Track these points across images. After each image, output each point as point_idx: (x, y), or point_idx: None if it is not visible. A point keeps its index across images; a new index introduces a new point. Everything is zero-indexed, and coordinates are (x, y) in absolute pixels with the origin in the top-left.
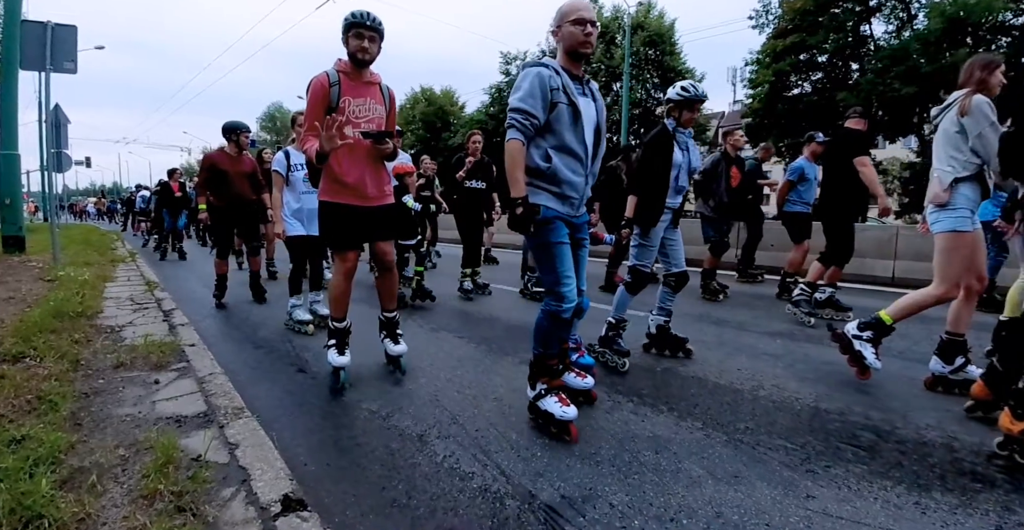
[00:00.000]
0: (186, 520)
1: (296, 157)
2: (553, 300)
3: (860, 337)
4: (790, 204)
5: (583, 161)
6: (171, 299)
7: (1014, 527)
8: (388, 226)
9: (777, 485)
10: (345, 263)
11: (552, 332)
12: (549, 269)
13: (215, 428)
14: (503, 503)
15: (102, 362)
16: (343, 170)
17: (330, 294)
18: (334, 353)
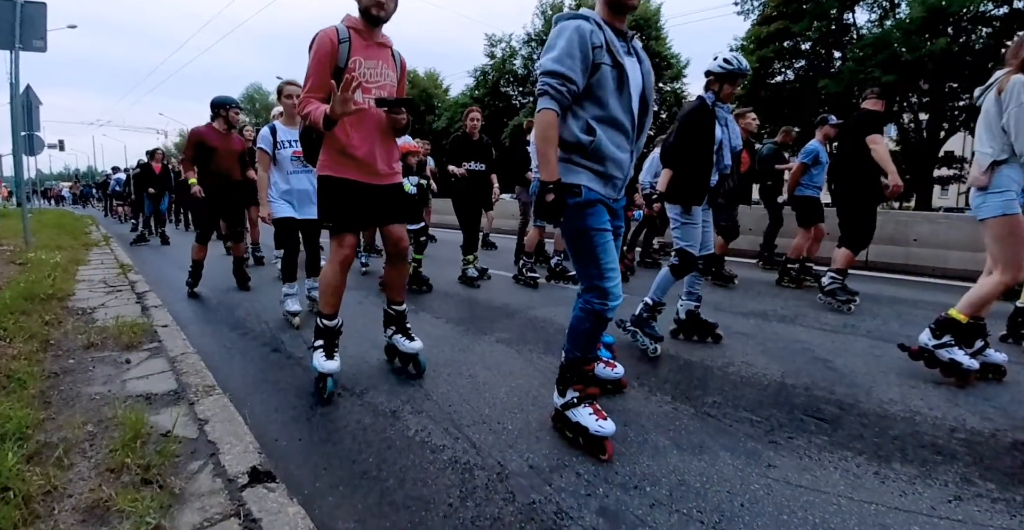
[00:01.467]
0: (152, 492)
1: (284, 133)
2: (596, 297)
3: (944, 345)
4: (801, 188)
5: (629, 135)
6: (145, 282)
7: (972, 498)
8: (400, 207)
9: (740, 455)
10: (342, 249)
11: (593, 334)
12: (590, 261)
13: (185, 405)
14: (472, 474)
15: (72, 342)
16: (351, 142)
17: (321, 286)
18: (321, 357)
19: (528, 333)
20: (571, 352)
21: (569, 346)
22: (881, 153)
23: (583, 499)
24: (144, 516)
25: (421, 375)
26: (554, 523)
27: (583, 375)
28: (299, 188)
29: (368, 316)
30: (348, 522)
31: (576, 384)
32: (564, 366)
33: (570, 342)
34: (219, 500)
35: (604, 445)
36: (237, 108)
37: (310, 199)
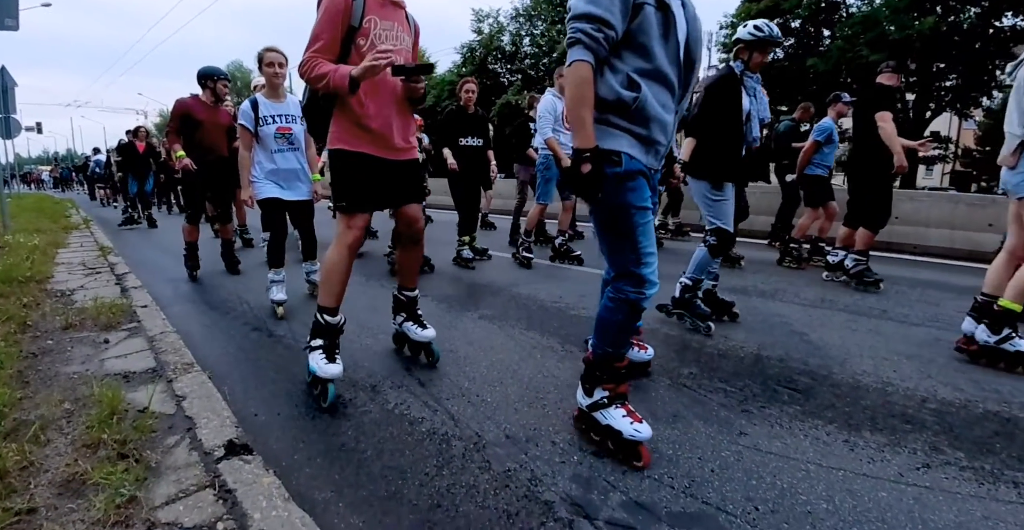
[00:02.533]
0: (128, 465)
1: (267, 107)
2: (630, 285)
3: (1006, 338)
4: (811, 167)
5: (674, 91)
6: (125, 264)
7: (940, 466)
8: (417, 185)
9: (713, 423)
10: (352, 231)
11: (626, 326)
12: (626, 245)
13: (163, 382)
14: (449, 444)
15: (51, 324)
16: (367, 112)
17: (323, 274)
18: (320, 358)
19: (511, 310)
20: (600, 347)
21: (597, 340)
22: (888, 131)
23: (557, 466)
24: (119, 488)
25: (435, 365)
26: (528, 490)
27: (614, 372)
28: (286, 168)
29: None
30: (325, 492)
31: (607, 382)
32: (593, 362)
33: (599, 336)
34: (195, 472)
35: (639, 451)
36: (226, 80)
37: (298, 179)
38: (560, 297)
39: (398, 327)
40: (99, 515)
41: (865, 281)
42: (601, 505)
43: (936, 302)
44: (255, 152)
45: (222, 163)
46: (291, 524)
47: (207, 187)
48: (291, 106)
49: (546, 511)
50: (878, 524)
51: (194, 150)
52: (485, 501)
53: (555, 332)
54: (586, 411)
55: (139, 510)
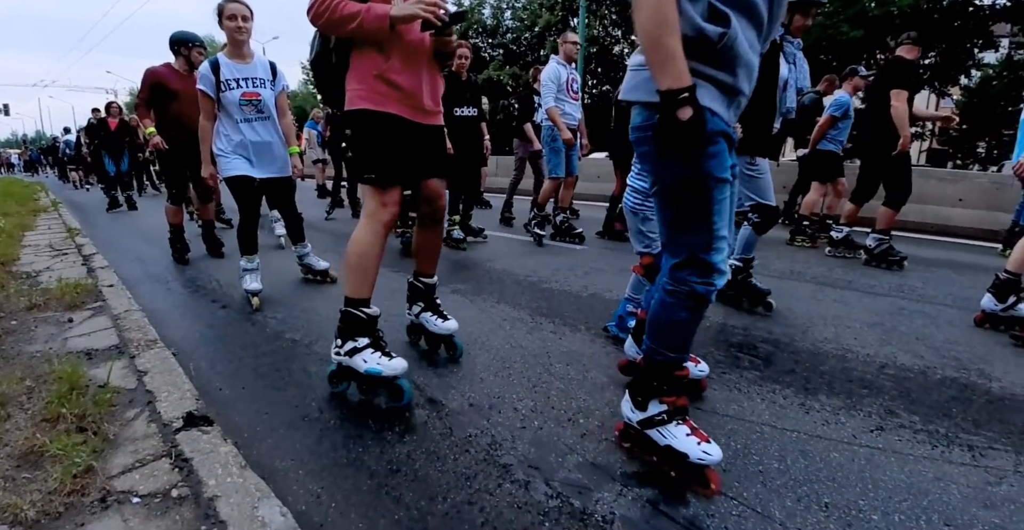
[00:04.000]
0: (87, 438)
1: (229, 70)
2: (697, 275)
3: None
4: (825, 142)
5: (762, 27)
6: (92, 245)
7: (895, 429)
8: (443, 156)
9: None
10: (387, 208)
11: (691, 325)
12: (699, 224)
13: (126, 358)
14: (412, 412)
15: (15, 305)
16: (392, 65)
17: (352, 261)
18: (376, 356)
19: (484, 284)
20: (658, 352)
21: (654, 344)
22: (900, 112)
23: (518, 431)
24: (76, 459)
25: (457, 360)
26: (487, 454)
27: (676, 382)
28: (254, 140)
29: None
30: (285, 461)
31: (666, 395)
32: (647, 371)
33: (655, 338)
34: (152, 443)
35: (707, 475)
36: (201, 47)
37: (271, 152)
38: (534, 271)
39: (414, 318)
40: (55, 485)
41: (889, 260)
42: (558, 467)
43: (902, 273)
44: (219, 122)
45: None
46: (245, 490)
47: (185, 165)
48: (259, 68)
49: (503, 473)
50: (828, 483)
51: (168, 124)
52: (444, 465)
53: (526, 305)
54: (637, 428)
55: (95, 479)
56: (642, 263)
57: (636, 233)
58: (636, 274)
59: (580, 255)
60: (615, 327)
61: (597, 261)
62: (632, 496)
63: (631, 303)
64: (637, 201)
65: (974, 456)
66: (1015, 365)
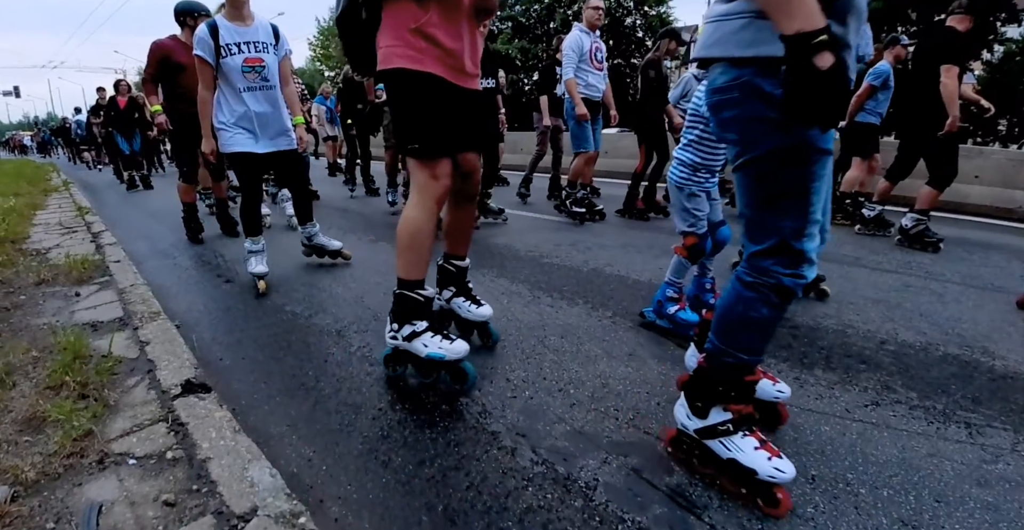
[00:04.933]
0: (88, 404)
1: (230, 33)
2: (783, 265)
3: None
4: (864, 114)
5: None
6: (101, 223)
7: (890, 404)
8: (482, 126)
9: (666, 362)
10: (439, 181)
11: (771, 324)
12: (792, 206)
13: (129, 330)
14: (406, 382)
15: (24, 280)
16: (431, 20)
17: (406, 241)
18: (438, 340)
19: (484, 258)
20: (728, 353)
21: (724, 344)
22: (950, 89)
23: (508, 401)
24: (76, 423)
25: (493, 348)
26: (476, 422)
27: (745, 389)
28: (259, 110)
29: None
30: (280, 426)
31: (733, 402)
32: (711, 374)
33: (726, 337)
34: (150, 408)
35: (776, 495)
36: (207, 17)
37: (276, 124)
38: (535, 246)
39: (444, 303)
40: (56, 448)
41: (925, 241)
42: (545, 435)
43: (911, 250)
44: (218, 92)
45: None
46: (237, 452)
47: (196, 141)
48: (260, 31)
49: (491, 440)
50: (816, 456)
51: (177, 99)
52: (434, 432)
53: (525, 279)
54: (694, 438)
55: (94, 442)
56: (685, 244)
57: (681, 210)
58: (678, 256)
59: (583, 231)
60: (652, 313)
61: (600, 237)
62: (617, 464)
63: (671, 288)
64: (683, 175)
65: (971, 434)
66: (1020, 344)
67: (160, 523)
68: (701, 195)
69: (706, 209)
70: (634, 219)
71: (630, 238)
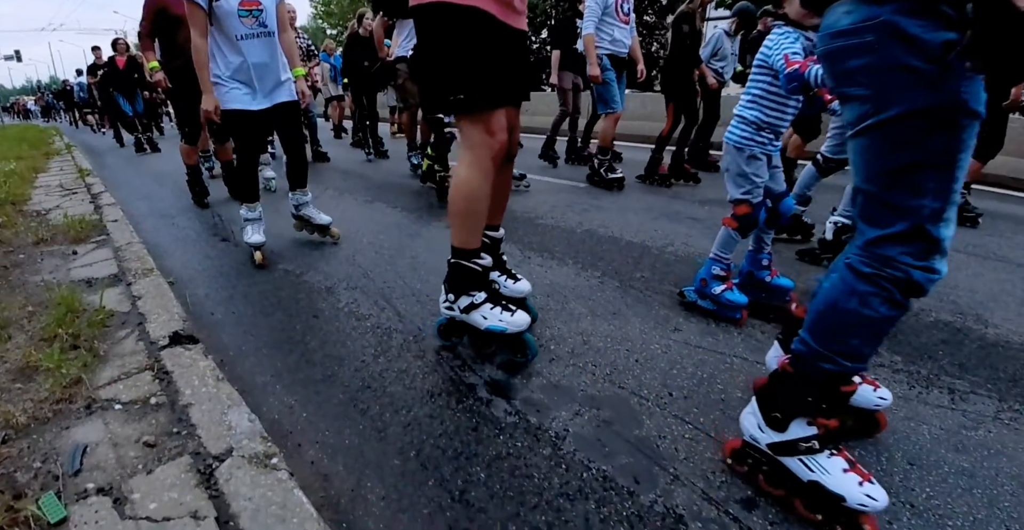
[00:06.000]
0: (79, 354)
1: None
2: (913, 255)
3: None
4: None
5: None
6: (101, 184)
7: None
8: (527, 74)
9: (650, 320)
10: (494, 137)
11: (886, 327)
12: (934, 180)
13: (122, 286)
14: (390, 337)
15: (23, 240)
16: None
17: (460, 206)
18: (498, 312)
19: None
20: (827, 357)
21: (822, 346)
22: None
23: (488, 356)
24: (67, 372)
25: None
26: (455, 374)
27: (838, 401)
28: (257, 61)
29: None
30: (265, 376)
31: (822, 416)
32: (800, 381)
33: (826, 339)
34: (138, 358)
35: (863, 526)
36: None
37: (275, 75)
38: (532, 208)
39: None
40: (46, 394)
41: (964, 216)
42: (521, 388)
43: None
44: (211, 42)
45: None
46: (217, 399)
47: (197, 99)
48: None
49: (467, 392)
50: None
51: (175, 55)
52: (413, 383)
53: (517, 240)
54: (766, 453)
55: (82, 390)
56: (736, 213)
57: (736, 176)
58: (727, 228)
59: (582, 193)
60: (693, 293)
61: (597, 198)
62: (588, 416)
63: (718, 264)
64: (744, 135)
65: (953, 399)
66: (1016, 313)
67: (140, 462)
68: (762, 159)
69: (765, 176)
70: (655, 185)
71: (631, 202)
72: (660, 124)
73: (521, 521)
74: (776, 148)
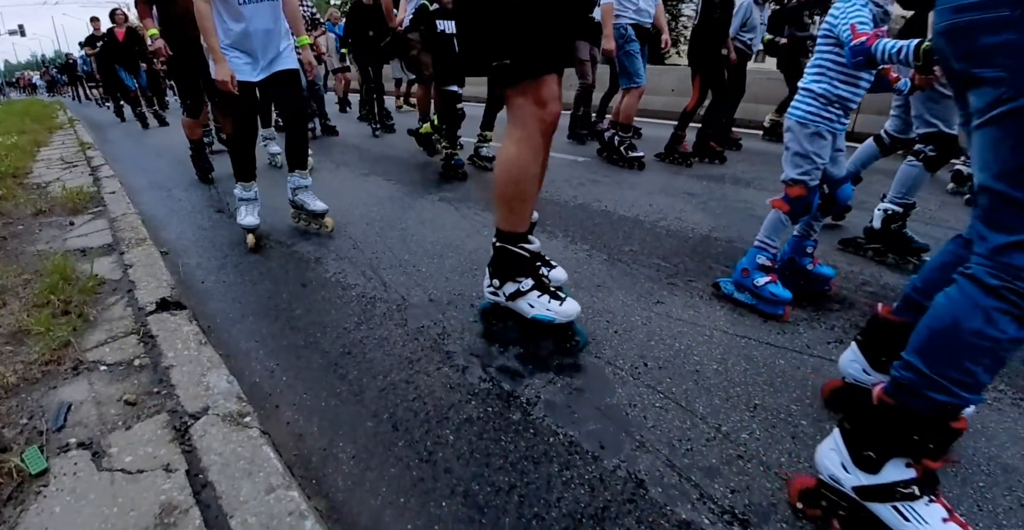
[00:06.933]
0: (69, 319)
1: None
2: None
3: None
4: None
5: None
6: (102, 157)
7: None
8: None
9: (633, 293)
10: (547, 107)
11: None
12: None
13: (115, 254)
14: (374, 305)
15: (22, 212)
16: None
17: (504, 188)
18: (546, 300)
19: (473, 192)
20: (940, 385)
21: (933, 371)
22: None
23: (469, 325)
24: (57, 335)
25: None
26: (434, 342)
27: (948, 440)
28: (259, 28)
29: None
30: (249, 342)
31: (930, 457)
32: (903, 414)
33: (937, 362)
34: (125, 323)
35: None
36: None
37: (278, 43)
38: None
39: None
40: (36, 357)
41: None
42: (498, 355)
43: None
44: (213, 6)
45: None
46: (198, 361)
47: (198, 70)
48: None
49: (445, 359)
50: (764, 387)
51: (174, 23)
52: (392, 350)
53: None
54: (848, 496)
55: (71, 352)
56: (788, 194)
57: (795, 154)
58: (777, 211)
59: (579, 168)
60: (731, 284)
61: (595, 173)
62: (561, 384)
63: (763, 253)
64: (811, 109)
65: None
66: None
67: (120, 419)
68: (827, 138)
69: (827, 157)
70: (675, 164)
71: (626, 176)
72: (661, 98)
73: (484, 481)
74: (844, 127)
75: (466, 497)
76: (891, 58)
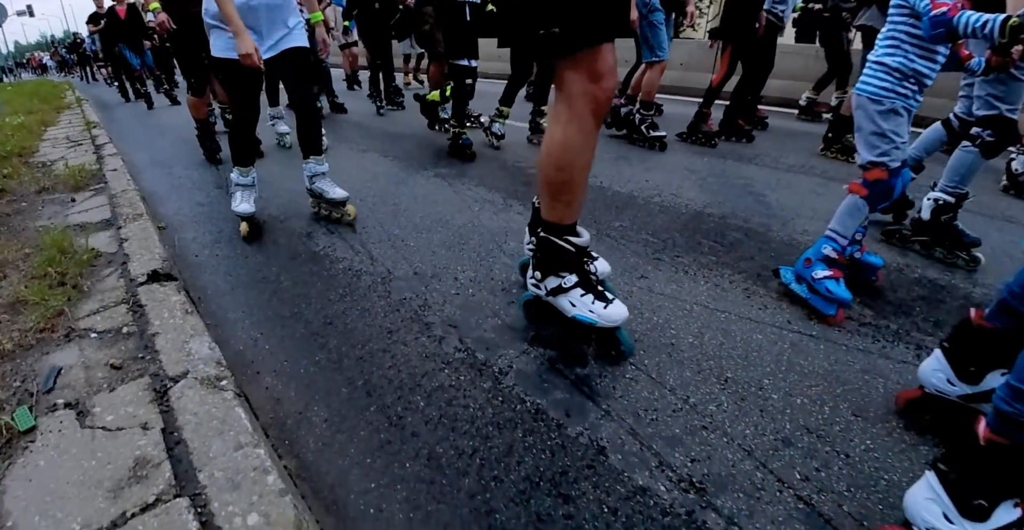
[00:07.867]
0: (64, 290)
1: None
2: None
3: None
4: None
5: None
6: (107, 136)
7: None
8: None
9: (617, 268)
10: (599, 83)
11: None
12: None
13: (113, 229)
14: (359, 278)
15: (26, 189)
16: None
17: (550, 175)
18: (590, 301)
19: (469, 169)
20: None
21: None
22: None
23: (450, 297)
24: (52, 305)
25: (451, 248)
26: (415, 314)
27: None
28: (263, 2)
29: None
30: (236, 313)
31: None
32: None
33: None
34: (117, 293)
35: None
36: None
37: (285, 18)
38: (525, 158)
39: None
40: (31, 325)
41: None
42: (476, 327)
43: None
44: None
45: None
46: (182, 329)
47: (202, 45)
48: None
49: (424, 329)
50: (738, 361)
51: (174, 1)
52: (373, 321)
53: (503, 189)
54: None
55: (64, 321)
56: (866, 178)
57: (869, 134)
58: (854, 196)
59: None
60: (791, 274)
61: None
62: (535, 355)
63: (832, 244)
64: (884, 85)
65: (919, 356)
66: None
67: (105, 382)
68: (903, 115)
69: (905, 135)
70: (698, 144)
71: (624, 152)
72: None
73: (448, 445)
74: (918, 105)
75: (430, 459)
76: (975, 32)
